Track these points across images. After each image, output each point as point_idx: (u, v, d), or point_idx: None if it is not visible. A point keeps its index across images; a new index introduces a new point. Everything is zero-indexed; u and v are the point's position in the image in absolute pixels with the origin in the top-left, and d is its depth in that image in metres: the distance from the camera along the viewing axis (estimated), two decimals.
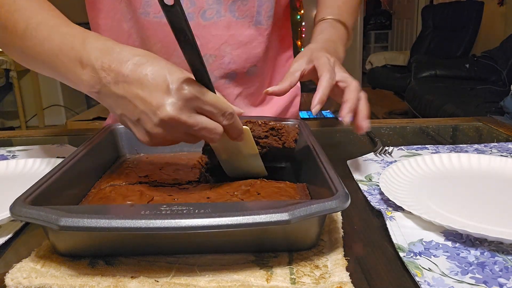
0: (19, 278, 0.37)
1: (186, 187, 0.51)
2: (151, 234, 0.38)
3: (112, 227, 0.35)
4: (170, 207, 0.39)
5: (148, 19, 0.69)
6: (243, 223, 0.35)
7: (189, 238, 0.40)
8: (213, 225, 0.35)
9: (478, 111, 2.67)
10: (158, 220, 0.35)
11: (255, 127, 0.54)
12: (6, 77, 3.85)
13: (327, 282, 0.36)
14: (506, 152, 0.70)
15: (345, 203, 0.38)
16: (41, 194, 0.41)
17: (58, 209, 0.36)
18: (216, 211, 0.37)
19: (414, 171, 0.60)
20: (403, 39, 6.03)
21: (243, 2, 0.70)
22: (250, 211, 0.36)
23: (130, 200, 0.47)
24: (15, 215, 0.37)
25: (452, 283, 0.36)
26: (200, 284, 0.37)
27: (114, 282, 0.37)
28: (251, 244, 0.41)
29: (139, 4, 0.68)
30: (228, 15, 0.70)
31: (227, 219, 0.35)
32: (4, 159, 0.72)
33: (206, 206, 0.39)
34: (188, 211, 0.38)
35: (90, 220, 0.35)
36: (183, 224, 0.35)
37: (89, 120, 3.01)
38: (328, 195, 0.39)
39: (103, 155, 0.60)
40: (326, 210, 0.37)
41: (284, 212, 0.35)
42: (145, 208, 0.39)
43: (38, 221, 0.36)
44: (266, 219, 0.35)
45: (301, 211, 0.36)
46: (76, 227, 0.35)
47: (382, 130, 0.89)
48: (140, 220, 0.35)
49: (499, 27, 3.95)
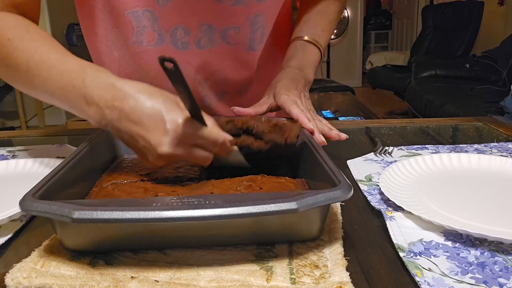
0: (19, 278, 0.37)
1: (188, 183, 0.52)
2: (160, 228, 0.39)
3: (126, 218, 0.35)
4: (181, 199, 0.39)
5: (142, 47, 0.70)
6: (254, 212, 0.36)
7: (197, 231, 0.41)
8: (226, 214, 0.36)
9: (478, 111, 2.68)
10: (172, 211, 0.35)
11: (259, 123, 0.55)
12: None
13: (327, 282, 0.36)
14: (506, 152, 0.70)
15: (348, 192, 0.39)
16: (46, 192, 0.41)
17: (69, 203, 0.37)
18: (226, 202, 0.37)
19: (414, 171, 0.60)
20: (403, 39, 6.03)
21: (235, 30, 0.72)
22: (260, 201, 0.37)
23: (134, 196, 0.47)
24: (26, 210, 0.37)
25: (452, 283, 0.36)
26: (200, 284, 0.37)
27: (114, 282, 0.37)
28: (256, 236, 0.42)
29: (131, 33, 0.68)
30: (222, 42, 0.72)
31: (239, 209, 0.36)
32: (4, 159, 0.72)
33: (216, 197, 0.40)
34: (199, 202, 0.38)
35: (104, 212, 0.35)
36: (197, 214, 0.35)
37: None
38: (329, 187, 0.40)
39: (102, 155, 0.60)
40: (331, 199, 0.38)
41: (293, 201, 0.36)
42: (156, 200, 0.39)
43: (50, 214, 0.36)
44: (276, 208, 0.36)
45: (308, 200, 0.37)
46: (90, 219, 0.35)
47: (382, 130, 0.89)
48: (154, 211, 0.35)
49: (499, 27, 3.95)
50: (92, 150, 0.55)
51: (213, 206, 0.36)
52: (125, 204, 0.39)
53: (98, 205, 0.36)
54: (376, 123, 0.95)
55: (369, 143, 0.80)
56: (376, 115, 3.28)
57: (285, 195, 0.38)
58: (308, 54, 0.77)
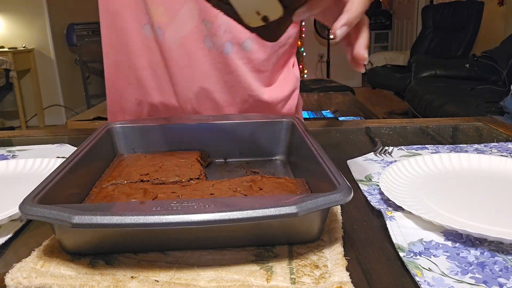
0: (19, 278, 0.37)
1: (188, 184, 0.52)
2: (160, 231, 0.39)
3: (126, 223, 0.35)
4: (180, 203, 0.39)
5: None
6: (253, 217, 0.36)
7: (197, 233, 0.41)
8: (225, 219, 0.36)
9: (478, 111, 2.68)
10: (172, 216, 0.35)
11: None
12: (6, 77, 3.86)
13: (327, 282, 0.36)
14: (506, 152, 0.70)
15: (348, 195, 0.39)
16: (46, 194, 0.41)
17: (69, 207, 0.37)
18: (226, 206, 0.37)
19: (414, 171, 0.60)
20: (403, 39, 6.04)
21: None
22: (259, 205, 0.37)
23: (134, 198, 0.47)
24: (26, 214, 0.37)
25: (452, 283, 0.36)
26: (200, 284, 0.37)
27: (114, 282, 0.37)
28: (256, 239, 0.42)
29: None
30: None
31: (239, 213, 0.36)
32: (4, 159, 0.72)
33: (216, 201, 0.40)
34: (198, 206, 0.38)
35: (104, 217, 0.35)
36: (196, 219, 0.35)
37: (89, 120, 3.01)
38: (329, 188, 0.40)
39: (102, 154, 0.60)
40: (331, 203, 0.38)
41: (292, 205, 0.37)
42: (155, 204, 0.39)
43: (50, 219, 0.36)
44: (276, 212, 0.36)
45: (308, 204, 0.37)
46: (90, 224, 0.35)
47: (382, 130, 0.89)
48: (153, 216, 0.35)
49: (499, 27, 3.95)
50: (92, 150, 0.56)
51: (212, 210, 0.36)
52: (124, 209, 0.40)
53: (98, 210, 0.36)
54: (376, 123, 0.94)
55: (369, 143, 0.80)
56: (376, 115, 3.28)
57: (285, 199, 0.38)
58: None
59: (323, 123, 0.95)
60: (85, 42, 4.35)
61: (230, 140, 0.66)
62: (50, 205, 0.37)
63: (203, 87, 0.78)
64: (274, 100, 0.84)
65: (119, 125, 0.66)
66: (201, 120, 0.68)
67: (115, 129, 0.66)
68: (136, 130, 0.66)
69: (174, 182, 0.53)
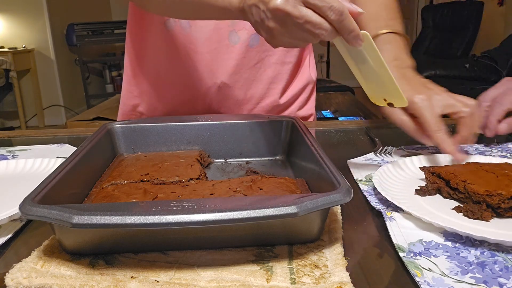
0: (19, 278, 0.37)
1: (188, 184, 0.52)
2: (160, 231, 0.39)
3: (125, 223, 0.35)
4: (180, 203, 0.39)
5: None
6: (253, 217, 0.36)
7: (197, 233, 0.41)
8: (225, 219, 0.36)
9: None
10: (172, 216, 0.35)
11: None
12: (6, 77, 3.85)
13: (327, 282, 0.36)
14: (506, 152, 0.70)
15: (348, 195, 0.39)
16: (47, 194, 0.41)
17: (69, 207, 0.37)
18: (226, 206, 0.37)
19: (411, 171, 0.60)
20: None
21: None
22: (259, 205, 0.37)
23: (134, 198, 0.47)
24: (26, 214, 0.37)
25: (452, 283, 0.36)
26: (200, 284, 0.37)
27: (114, 282, 0.37)
28: (256, 239, 0.42)
29: None
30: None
31: (239, 213, 0.36)
32: (4, 159, 0.72)
33: (216, 201, 0.40)
34: (198, 206, 0.38)
35: (103, 217, 0.35)
36: (196, 219, 0.36)
37: (89, 120, 3.01)
38: (329, 188, 0.40)
39: (102, 154, 0.60)
40: (331, 203, 0.38)
41: (292, 205, 0.37)
42: (155, 204, 0.39)
43: (50, 219, 0.36)
44: (276, 212, 0.36)
45: (308, 204, 0.37)
46: (90, 224, 0.35)
47: (382, 130, 0.89)
48: (154, 216, 0.35)
49: (499, 27, 3.95)
50: (92, 150, 0.55)
51: (212, 210, 0.36)
52: (124, 209, 0.40)
53: (98, 210, 0.36)
54: (376, 123, 0.94)
55: (369, 143, 0.80)
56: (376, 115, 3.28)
57: (285, 199, 0.38)
58: (394, 44, 0.71)
59: (323, 123, 0.95)
60: (85, 42, 4.35)
61: (230, 140, 0.66)
62: (50, 205, 0.37)
63: (224, 82, 0.79)
64: (290, 98, 0.85)
65: (119, 125, 0.66)
66: (201, 120, 0.68)
67: (115, 129, 0.66)
68: (136, 130, 0.66)
69: (174, 182, 0.53)
